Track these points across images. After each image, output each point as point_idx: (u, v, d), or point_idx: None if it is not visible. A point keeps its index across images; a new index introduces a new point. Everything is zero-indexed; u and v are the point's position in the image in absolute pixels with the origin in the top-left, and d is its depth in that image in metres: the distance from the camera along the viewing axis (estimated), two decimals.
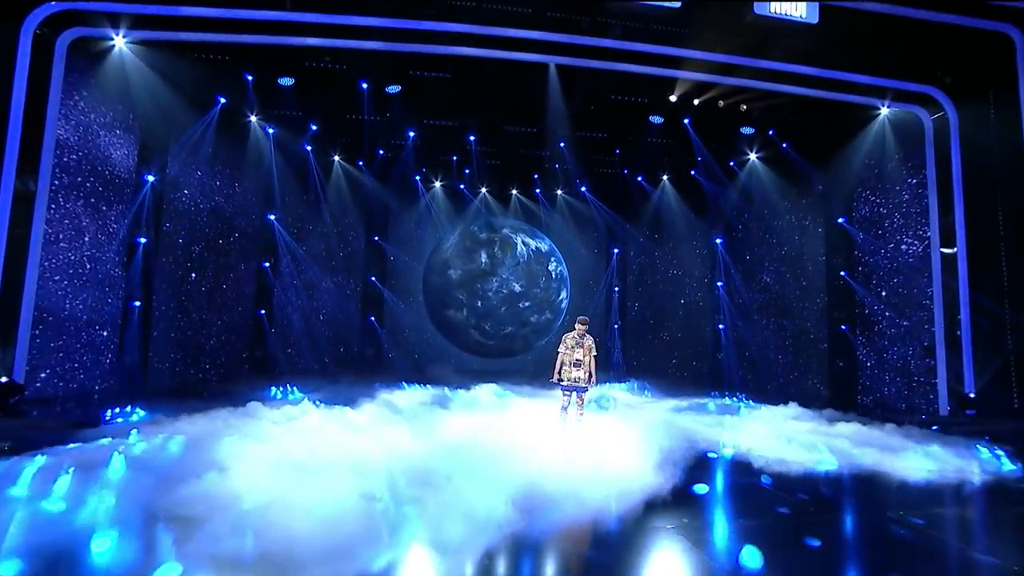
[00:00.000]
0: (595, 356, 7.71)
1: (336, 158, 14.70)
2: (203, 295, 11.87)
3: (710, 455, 7.18)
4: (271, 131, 12.77)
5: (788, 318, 13.35)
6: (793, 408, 10.39)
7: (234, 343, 12.81)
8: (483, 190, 17.03)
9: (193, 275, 11.58)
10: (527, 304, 16.92)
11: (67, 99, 8.54)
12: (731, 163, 14.19)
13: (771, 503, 5.48)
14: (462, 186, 16.78)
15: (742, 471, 6.58)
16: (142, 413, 8.18)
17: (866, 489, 6.03)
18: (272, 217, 13.84)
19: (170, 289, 11.15)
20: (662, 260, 16.86)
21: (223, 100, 11.36)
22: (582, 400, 7.62)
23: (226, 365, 12.48)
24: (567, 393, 7.57)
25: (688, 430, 8.12)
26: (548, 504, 4.83)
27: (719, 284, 15.21)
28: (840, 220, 12.18)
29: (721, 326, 15.05)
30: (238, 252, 12.86)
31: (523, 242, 17.27)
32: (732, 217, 14.84)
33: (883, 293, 11.15)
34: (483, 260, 17.12)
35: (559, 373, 7.60)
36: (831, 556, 4.37)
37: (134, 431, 6.81)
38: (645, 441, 6.91)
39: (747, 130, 12.39)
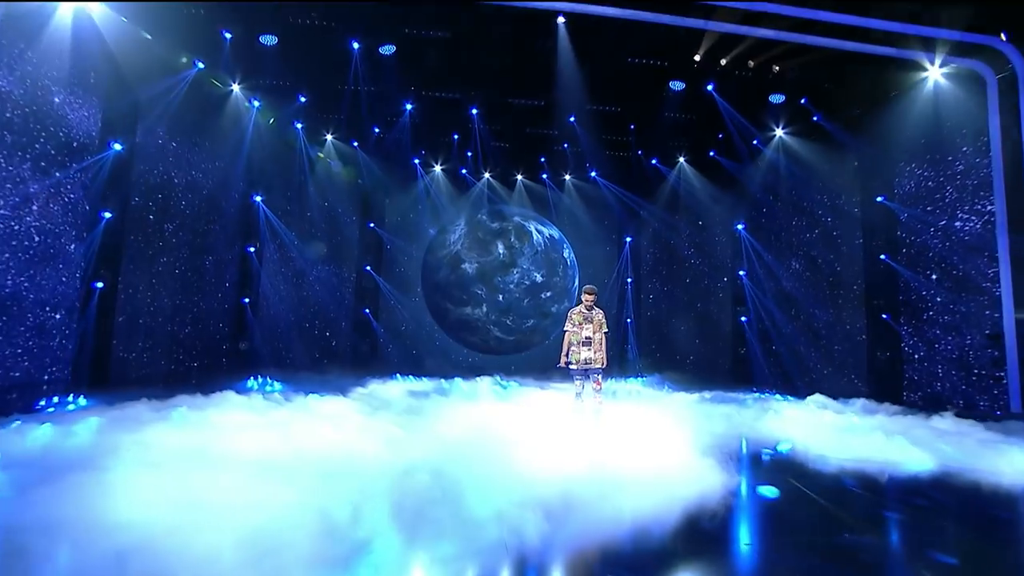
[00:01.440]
0: (606, 332, 6.59)
1: (328, 137, 13.65)
2: (177, 279, 10.79)
3: (765, 451, 6.02)
4: (256, 104, 11.74)
5: (821, 307, 12.15)
6: (833, 402, 9.22)
7: (213, 333, 11.71)
8: (486, 175, 15.94)
9: (165, 257, 10.50)
10: (548, 294, 15.90)
11: (10, 45, 7.49)
12: (755, 141, 13.04)
13: (870, 509, 4.31)
14: (464, 171, 15.70)
15: (813, 470, 5.39)
16: (84, 402, 7.06)
17: (983, 493, 4.79)
18: (258, 199, 12.77)
19: (139, 270, 10.07)
20: (679, 248, 15.68)
21: (201, 65, 10.35)
22: (599, 384, 6.48)
23: (203, 356, 11.38)
24: (579, 377, 6.44)
25: (728, 420, 6.94)
26: (575, 518, 3.66)
27: (741, 273, 14.02)
28: (879, 198, 11.01)
29: (744, 318, 13.86)
30: (219, 234, 11.78)
31: (536, 229, 16.25)
32: (756, 200, 13.67)
33: (933, 276, 9.95)
34: (501, 251, 16.08)
35: (567, 355, 6.48)
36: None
37: (47, 423, 5.69)
38: (681, 433, 5.73)
39: (777, 98, 11.25)
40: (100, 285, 9.14)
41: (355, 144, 14.02)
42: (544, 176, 15.98)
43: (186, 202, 10.91)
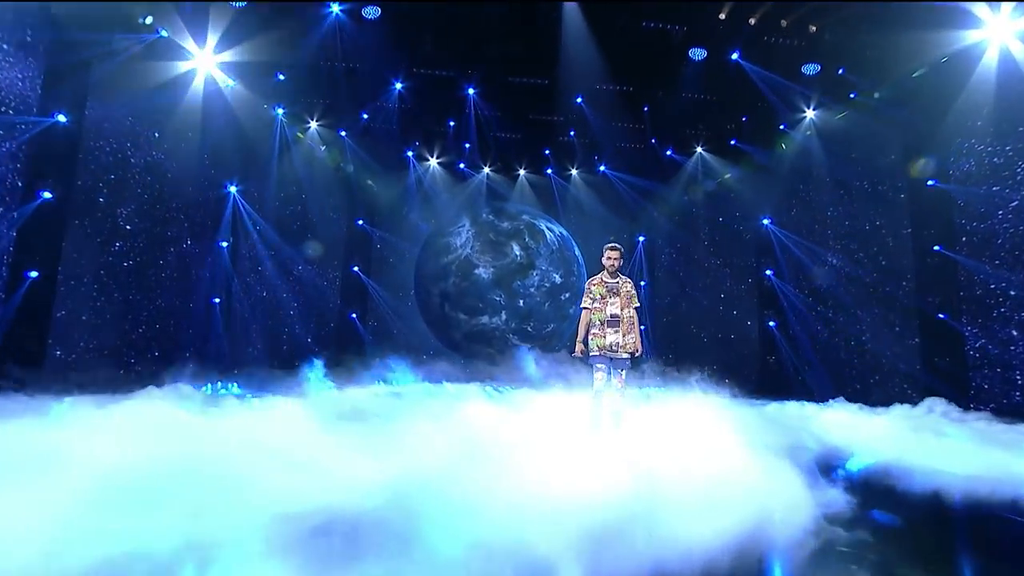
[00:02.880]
0: (638, 307, 5.23)
1: (312, 124, 12.48)
2: (131, 272, 9.52)
3: (848, 464, 4.61)
4: (230, 84, 10.61)
5: (864, 308, 10.68)
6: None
7: (174, 335, 10.39)
8: (486, 169, 14.70)
9: (118, 244, 9.26)
10: (567, 295, 14.62)
11: None
12: (782, 125, 11.73)
13: None
14: (462, 164, 14.50)
15: (924, 488, 3.97)
16: None
17: None
18: (232, 189, 11.56)
19: (85, 260, 8.83)
20: (697, 247, 14.27)
21: (164, 32, 9.25)
22: (622, 378, 5.07)
23: (161, 360, 10.04)
24: (600, 367, 5.03)
25: (780, 426, 5.51)
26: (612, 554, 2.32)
27: (769, 273, 12.59)
28: (931, 182, 9.62)
29: (773, 322, 12.39)
30: (184, 224, 10.54)
31: (547, 227, 15.01)
32: (784, 190, 12.28)
33: (1003, 267, 8.51)
34: (517, 253, 14.81)
35: (585, 341, 5.11)
36: None
37: None
38: (728, 438, 4.31)
39: (811, 68, 9.95)
40: (34, 274, 7.88)
41: (342, 133, 12.87)
42: (549, 171, 14.74)
43: (144, 186, 9.71)
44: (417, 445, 4.55)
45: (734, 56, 9.81)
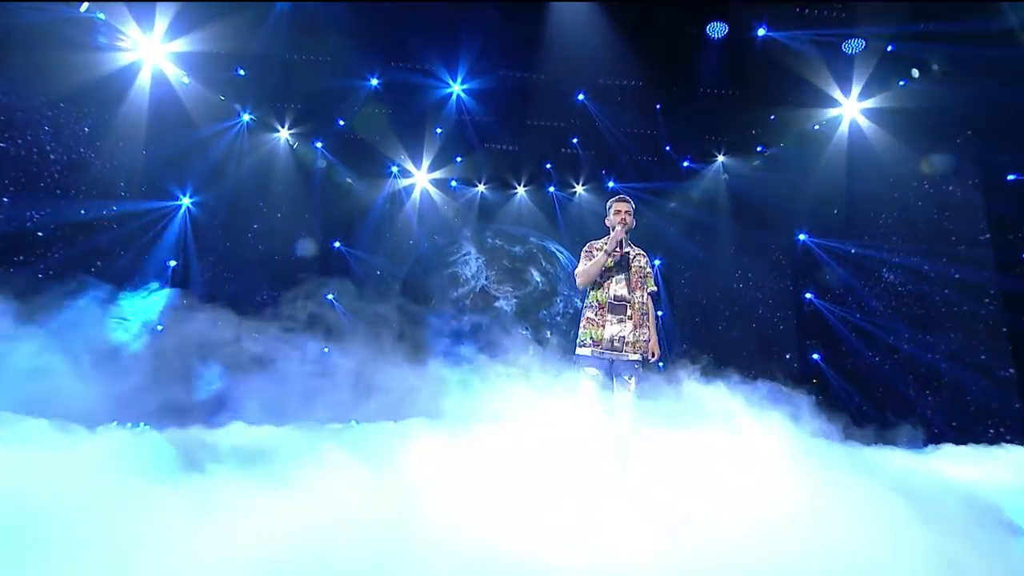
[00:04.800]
0: (654, 292, 3.48)
1: (283, 133, 11.13)
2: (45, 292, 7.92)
3: None
4: (185, 80, 9.34)
5: (933, 332, 8.69)
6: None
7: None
8: (481, 187, 13.21)
9: (21, 256, 7.71)
10: None
11: None
12: (815, 127, 10.14)
13: None
14: (454, 182, 13.05)
15: None
16: None
17: None
18: (185, 201, 10.11)
19: None
20: (721, 271, 12.39)
21: (101, 15, 8.05)
22: (630, 389, 3.25)
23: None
24: (593, 372, 3.25)
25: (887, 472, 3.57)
26: None
27: (809, 296, 10.68)
28: (1012, 176, 7.85)
29: (817, 354, 10.37)
30: (118, 236, 9.02)
31: (557, 250, 13.44)
32: (823, 198, 10.52)
33: None
34: (537, 279, 13.19)
35: (585, 328, 3.37)
36: None
37: None
38: (828, 499, 2.45)
39: (854, 45, 8.40)
40: None
41: (318, 144, 11.51)
42: (551, 189, 13.20)
43: (65, 188, 8.24)
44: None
45: (760, 31, 8.31)
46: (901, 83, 8.83)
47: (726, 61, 9.03)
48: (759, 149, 11.18)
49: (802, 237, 10.82)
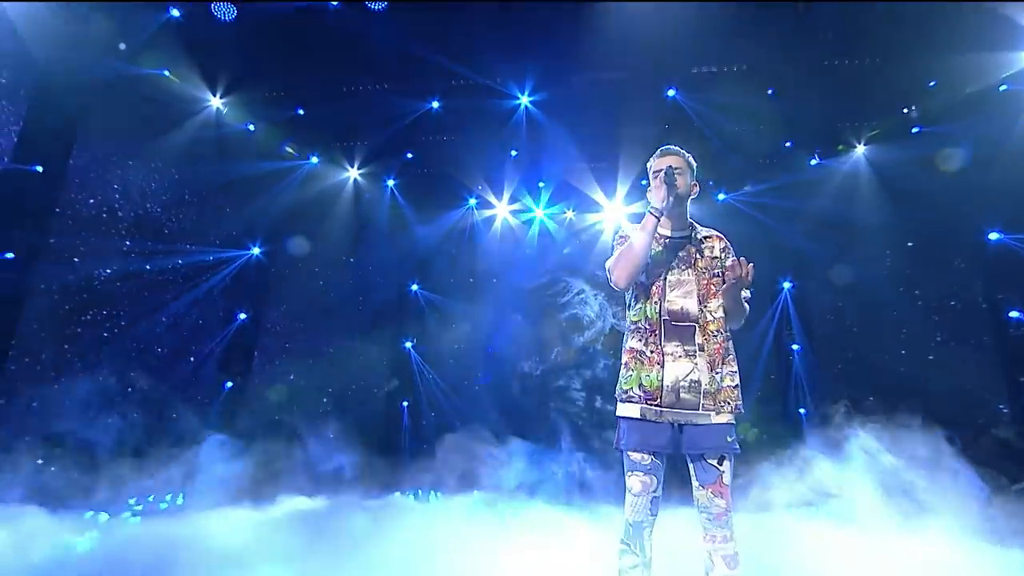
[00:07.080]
0: (749, 297, 1.88)
1: (353, 173, 10.67)
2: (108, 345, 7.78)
3: None
4: (223, 108, 8.98)
5: None
6: None
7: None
8: (569, 214, 11.70)
9: (91, 313, 7.63)
10: None
11: None
12: (1001, 87, 7.55)
13: None
14: (529, 211, 11.76)
15: None
16: None
17: None
18: (255, 251, 9.89)
19: (46, 332, 7.27)
20: (877, 290, 9.61)
21: (167, 73, 8.12)
22: (723, 485, 1.78)
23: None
24: (645, 462, 1.80)
25: None
26: None
27: (1016, 314, 7.78)
28: None
29: None
30: (183, 288, 8.85)
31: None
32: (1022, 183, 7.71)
33: None
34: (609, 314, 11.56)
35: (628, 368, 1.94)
36: None
37: None
38: None
39: None
40: None
41: (389, 182, 10.95)
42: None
43: (133, 242, 8.18)
44: None
45: None
46: None
47: (853, 17, 6.99)
48: (916, 130, 8.67)
49: (994, 236, 8.01)
